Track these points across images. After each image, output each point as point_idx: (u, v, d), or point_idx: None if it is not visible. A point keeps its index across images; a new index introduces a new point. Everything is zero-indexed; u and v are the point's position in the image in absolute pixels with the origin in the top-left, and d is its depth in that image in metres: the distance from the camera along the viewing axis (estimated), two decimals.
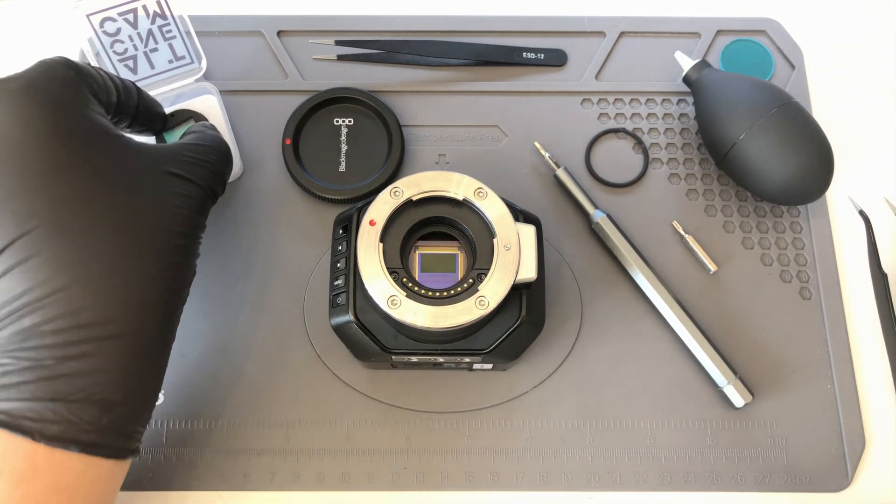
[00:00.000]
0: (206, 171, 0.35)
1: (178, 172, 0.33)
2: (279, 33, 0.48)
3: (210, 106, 0.44)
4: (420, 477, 0.39)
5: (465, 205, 0.33)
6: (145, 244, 0.31)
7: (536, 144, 0.45)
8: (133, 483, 0.38)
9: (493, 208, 0.33)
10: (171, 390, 0.40)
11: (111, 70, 0.43)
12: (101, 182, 0.30)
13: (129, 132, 0.38)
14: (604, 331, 0.42)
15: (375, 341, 0.34)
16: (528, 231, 0.33)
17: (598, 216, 0.43)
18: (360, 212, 0.34)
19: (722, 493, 0.39)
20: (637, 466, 0.40)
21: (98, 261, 0.29)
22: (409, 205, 0.33)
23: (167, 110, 0.41)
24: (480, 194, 0.33)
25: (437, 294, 0.32)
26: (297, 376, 0.41)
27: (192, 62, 0.44)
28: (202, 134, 0.37)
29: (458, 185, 0.33)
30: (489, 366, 0.37)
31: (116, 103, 0.35)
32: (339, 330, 0.35)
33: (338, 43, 0.47)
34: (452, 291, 0.32)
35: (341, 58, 0.48)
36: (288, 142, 0.44)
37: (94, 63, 0.42)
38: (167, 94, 0.44)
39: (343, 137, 0.45)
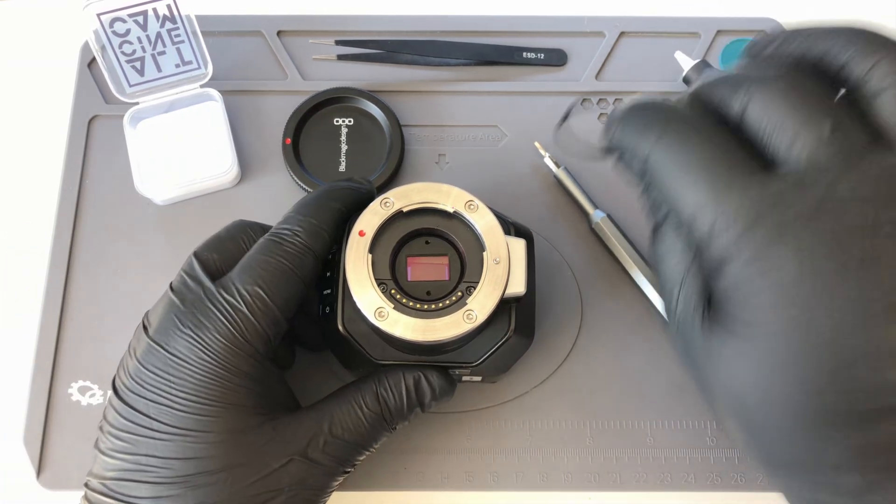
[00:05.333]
0: (350, 454, 0.33)
1: (313, 459, 0.31)
2: (279, 33, 0.48)
3: (213, 113, 0.44)
4: (420, 477, 0.39)
5: (455, 217, 0.33)
6: None
7: (536, 144, 0.45)
8: None
9: (484, 221, 0.32)
10: None
11: (117, 69, 0.42)
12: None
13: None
14: (604, 331, 0.42)
15: (363, 352, 0.33)
16: (519, 245, 0.32)
17: (599, 216, 0.43)
18: (350, 222, 0.33)
19: (722, 492, 0.39)
20: (637, 466, 0.40)
21: None
22: (399, 216, 0.33)
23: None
24: (471, 207, 0.32)
25: (425, 307, 0.31)
26: (296, 377, 0.41)
27: (199, 67, 0.44)
28: (359, 410, 0.33)
29: (449, 197, 0.32)
30: (478, 378, 0.37)
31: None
32: (328, 340, 0.35)
33: (338, 43, 0.47)
34: (440, 304, 0.31)
35: (341, 58, 0.48)
36: (288, 142, 0.44)
37: (99, 59, 0.42)
38: (171, 98, 0.44)
39: (343, 137, 0.45)
